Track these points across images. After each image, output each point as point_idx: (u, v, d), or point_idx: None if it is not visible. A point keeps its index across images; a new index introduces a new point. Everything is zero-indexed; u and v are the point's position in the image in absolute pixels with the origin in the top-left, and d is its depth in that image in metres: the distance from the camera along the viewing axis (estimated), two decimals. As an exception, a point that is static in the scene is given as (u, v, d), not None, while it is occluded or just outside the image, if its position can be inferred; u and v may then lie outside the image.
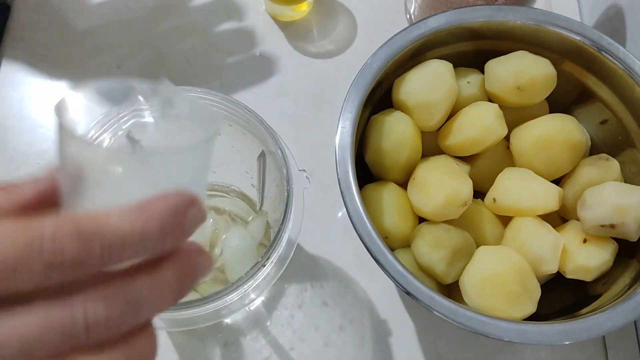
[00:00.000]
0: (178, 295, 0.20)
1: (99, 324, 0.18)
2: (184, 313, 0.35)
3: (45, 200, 0.20)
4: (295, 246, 0.39)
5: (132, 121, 0.40)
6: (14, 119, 0.56)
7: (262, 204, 0.49)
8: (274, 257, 0.36)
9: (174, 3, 0.61)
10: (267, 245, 0.48)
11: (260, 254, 0.47)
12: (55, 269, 0.17)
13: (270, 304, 0.49)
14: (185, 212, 0.20)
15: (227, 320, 0.48)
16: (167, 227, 0.19)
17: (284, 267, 0.38)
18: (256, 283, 0.36)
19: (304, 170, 0.40)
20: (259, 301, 0.49)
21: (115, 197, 0.20)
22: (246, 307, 0.47)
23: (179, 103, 0.24)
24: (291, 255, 0.38)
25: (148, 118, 0.26)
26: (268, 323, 0.48)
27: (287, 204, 0.37)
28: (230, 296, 0.35)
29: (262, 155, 0.44)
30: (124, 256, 0.19)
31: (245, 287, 0.35)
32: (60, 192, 0.20)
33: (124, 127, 0.39)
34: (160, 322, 0.37)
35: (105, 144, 0.39)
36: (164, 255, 0.20)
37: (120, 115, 0.38)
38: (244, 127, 0.41)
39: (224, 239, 0.48)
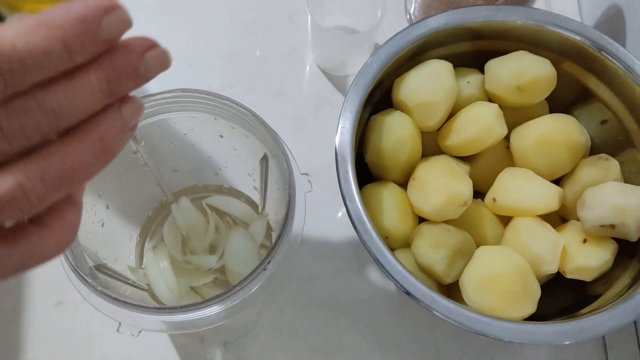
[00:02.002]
0: (111, 95, 0.19)
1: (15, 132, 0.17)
2: (185, 316, 0.35)
3: None
4: (296, 249, 0.39)
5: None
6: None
7: (264, 207, 0.49)
8: (276, 260, 0.36)
9: (174, 2, 0.61)
10: (269, 246, 0.48)
11: (261, 256, 0.47)
12: None
13: (271, 305, 0.49)
14: (97, 21, 0.18)
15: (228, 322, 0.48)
16: (72, 41, 0.18)
17: (285, 270, 0.38)
18: (258, 286, 0.36)
19: (306, 174, 0.40)
20: (259, 302, 0.49)
21: None
22: (247, 309, 0.48)
23: None
24: (293, 258, 0.38)
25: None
26: (269, 324, 0.48)
27: (288, 208, 0.37)
28: (231, 299, 0.35)
29: (264, 159, 0.44)
30: (28, 78, 0.17)
31: (246, 289, 0.35)
32: None
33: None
34: (162, 325, 0.37)
35: None
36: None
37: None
38: (247, 130, 0.41)
39: (225, 241, 0.48)
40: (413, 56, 0.46)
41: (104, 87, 0.19)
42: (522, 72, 0.43)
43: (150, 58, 0.21)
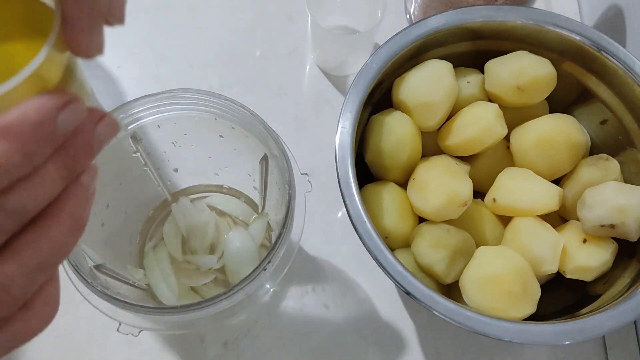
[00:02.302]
0: (70, 177, 0.20)
1: None
2: (185, 316, 0.35)
3: None
4: (296, 249, 0.39)
5: (136, 123, 0.40)
6: (14, 119, 0.56)
7: (264, 207, 0.49)
8: (275, 261, 0.36)
9: (174, 2, 0.61)
10: (269, 246, 0.48)
11: (261, 256, 0.47)
12: None
13: (271, 306, 0.49)
14: (53, 121, 0.18)
15: (228, 321, 0.48)
16: (30, 149, 0.18)
17: (285, 270, 0.38)
18: (257, 286, 0.36)
19: (306, 174, 0.40)
20: (259, 303, 0.49)
21: None
22: (247, 309, 0.48)
23: None
24: (292, 258, 0.38)
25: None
26: (269, 325, 0.48)
27: (288, 208, 0.37)
28: (231, 299, 0.35)
29: (264, 159, 0.44)
30: None
31: (246, 290, 0.35)
32: None
33: (128, 128, 0.40)
34: (162, 325, 0.37)
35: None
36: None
37: (122, 117, 0.38)
38: (246, 130, 0.41)
39: (225, 241, 0.48)
40: (413, 56, 0.46)
41: (62, 174, 0.20)
42: (522, 72, 0.43)
43: (101, 131, 0.21)
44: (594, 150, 0.47)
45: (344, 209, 0.39)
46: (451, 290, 0.44)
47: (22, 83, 0.18)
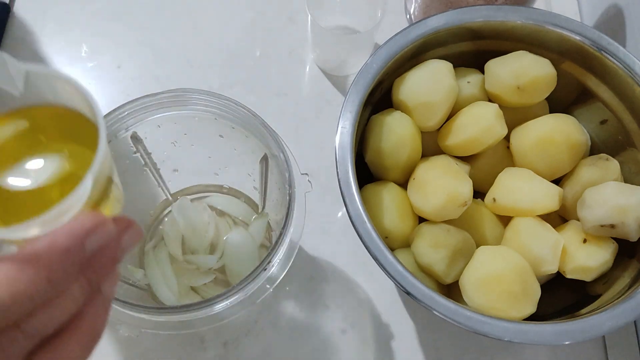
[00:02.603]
0: (92, 291, 0.20)
1: None
2: (185, 316, 0.35)
3: None
4: (296, 249, 0.39)
5: (137, 123, 0.40)
6: (14, 119, 0.56)
7: (264, 207, 0.49)
8: (275, 261, 0.36)
9: (174, 2, 0.61)
10: (269, 246, 0.48)
11: (261, 256, 0.47)
12: None
13: (271, 306, 0.49)
14: (81, 246, 0.19)
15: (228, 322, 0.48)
16: (57, 276, 0.18)
17: (286, 270, 0.38)
18: (257, 286, 0.36)
19: (306, 174, 0.40)
20: (260, 303, 0.49)
21: None
22: (247, 309, 0.48)
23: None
24: (293, 258, 0.38)
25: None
26: (269, 325, 0.48)
27: (289, 208, 0.37)
28: (231, 299, 0.35)
29: (264, 159, 0.44)
30: (13, 318, 0.18)
31: (246, 290, 0.35)
32: None
33: (128, 128, 0.40)
34: (162, 325, 0.37)
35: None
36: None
37: (122, 117, 0.38)
38: (246, 130, 0.41)
39: (225, 241, 0.48)
40: (413, 56, 0.46)
41: (85, 290, 0.20)
42: (522, 72, 0.43)
43: (127, 241, 0.21)
44: (594, 150, 0.47)
45: (344, 209, 0.39)
46: (451, 290, 0.44)
47: (68, 206, 0.19)
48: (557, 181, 0.44)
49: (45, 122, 0.23)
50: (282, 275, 0.38)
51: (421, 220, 0.44)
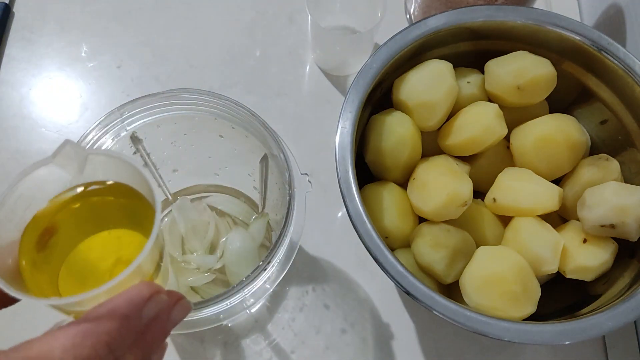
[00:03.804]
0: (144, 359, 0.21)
1: None
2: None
3: None
4: (297, 249, 0.39)
5: (137, 123, 0.40)
6: (14, 119, 0.56)
7: (264, 207, 0.49)
8: (275, 261, 0.36)
9: (174, 2, 0.61)
10: (269, 246, 0.48)
11: (261, 256, 0.47)
12: None
13: (271, 306, 0.49)
14: (139, 313, 0.19)
15: (228, 322, 0.48)
16: (116, 343, 0.19)
17: (286, 270, 0.38)
18: (258, 286, 0.36)
19: (306, 174, 0.40)
20: (260, 303, 0.49)
21: None
22: (247, 310, 0.48)
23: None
24: (293, 258, 0.38)
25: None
26: (269, 325, 0.48)
27: (289, 208, 0.37)
28: (231, 299, 0.35)
29: (264, 159, 0.44)
30: None
31: (246, 290, 0.35)
32: None
33: (128, 128, 0.40)
34: None
35: (107, 146, 0.39)
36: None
37: (123, 117, 0.38)
38: (246, 130, 0.41)
39: (225, 241, 0.48)
40: (413, 56, 0.46)
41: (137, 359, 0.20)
42: (522, 72, 0.43)
43: (176, 314, 0.22)
44: (594, 150, 0.47)
45: (344, 209, 0.39)
46: (451, 290, 0.44)
47: (127, 276, 0.20)
48: (557, 181, 0.44)
49: (103, 194, 0.24)
50: (282, 275, 0.38)
51: (421, 220, 0.44)
